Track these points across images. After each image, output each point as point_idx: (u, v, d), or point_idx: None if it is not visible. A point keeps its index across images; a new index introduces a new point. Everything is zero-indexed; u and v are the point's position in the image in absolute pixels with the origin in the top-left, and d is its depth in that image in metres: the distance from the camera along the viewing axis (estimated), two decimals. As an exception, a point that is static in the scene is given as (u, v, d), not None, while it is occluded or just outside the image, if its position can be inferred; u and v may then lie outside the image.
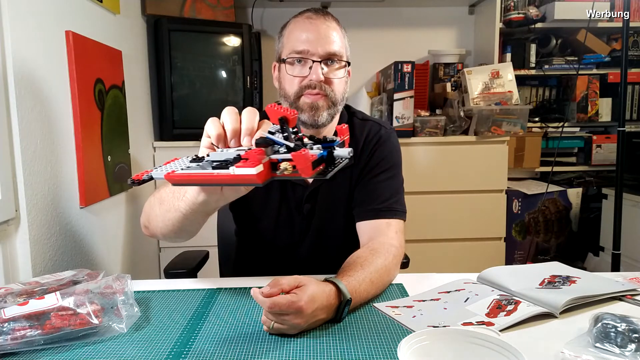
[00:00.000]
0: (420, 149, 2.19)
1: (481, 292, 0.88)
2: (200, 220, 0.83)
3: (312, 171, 0.56)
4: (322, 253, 1.12)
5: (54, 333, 0.71)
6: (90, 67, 1.41)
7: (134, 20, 1.93)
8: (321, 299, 0.74)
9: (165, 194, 0.84)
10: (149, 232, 0.92)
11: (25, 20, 1.12)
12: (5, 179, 1.04)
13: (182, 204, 0.77)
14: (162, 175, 0.62)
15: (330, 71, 1.03)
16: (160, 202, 0.84)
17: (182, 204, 0.77)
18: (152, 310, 0.85)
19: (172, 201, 0.80)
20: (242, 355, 0.68)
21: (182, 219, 0.80)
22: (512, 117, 2.18)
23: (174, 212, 0.80)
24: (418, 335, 0.60)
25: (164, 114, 2.08)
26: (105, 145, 1.51)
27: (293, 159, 0.56)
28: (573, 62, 2.48)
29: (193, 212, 0.77)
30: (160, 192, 0.87)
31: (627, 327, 0.65)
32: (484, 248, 2.26)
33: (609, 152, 2.52)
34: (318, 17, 1.03)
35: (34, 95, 1.14)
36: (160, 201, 0.85)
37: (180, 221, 0.81)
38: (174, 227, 0.83)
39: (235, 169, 0.57)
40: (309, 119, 1.02)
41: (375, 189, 1.08)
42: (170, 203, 0.80)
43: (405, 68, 2.12)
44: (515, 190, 2.40)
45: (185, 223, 0.81)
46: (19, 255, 1.10)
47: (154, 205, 0.87)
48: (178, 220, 0.80)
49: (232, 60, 2.17)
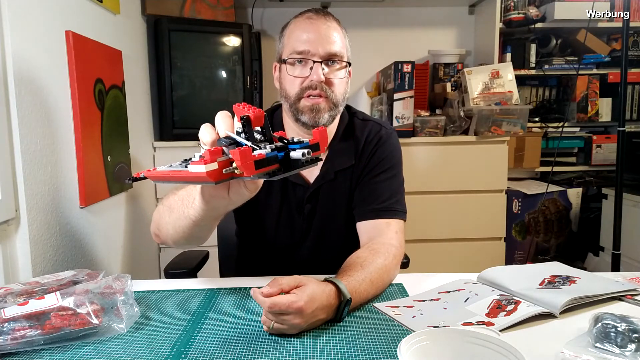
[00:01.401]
0: (420, 149, 2.19)
1: (481, 292, 0.88)
2: (210, 225, 0.83)
3: (254, 170, 0.55)
4: (322, 253, 1.12)
5: (54, 333, 0.71)
6: (90, 67, 1.41)
7: (134, 20, 1.93)
8: (321, 299, 0.74)
9: (174, 202, 0.84)
10: (160, 240, 0.93)
11: (25, 20, 1.12)
12: (5, 179, 1.04)
13: (191, 211, 0.77)
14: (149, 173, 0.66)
15: (331, 72, 1.03)
16: (170, 210, 0.85)
17: (191, 211, 0.77)
18: (152, 310, 0.85)
19: (181, 209, 0.80)
20: (242, 355, 0.68)
21: (192, 226, 0.80)
22: (512, 117, 2.18)
23: (184, 219, 0.80)
24: (418, 335, 0.60)
25: (164, 114, 2.08)
26: (105, 145, 1.51)
27: (232, 155, 0.55)
28: (573, 62, 2.48)
29: (202, 218, 0.77)
30: (169, 200, 0.87)
31: (627, 327, 0.65)
32: (484, 248, 2.26)
33: (609, 152, 2.52)
34: (319, 18, 1.03)
35: (34, 95, 1.14)
36: (169, 209, 0.85)
37: (191, 228, 0.81)
38: (185, 234, 0.84)
39: (190, 166, 0.58)
40: (309, 120, 1.02)
41: (376, 189, 1.08)
42: (179, 211, 0.81)
43: (405, 68, 2.12)
44: (515, 190, 2.40)
45: (195, 230, 0.82)
46: (19, 255, 1.10)
47: (163, 213, 0.88)
48: (189, 227, 0.81)
49: (232, 60, 2.17)
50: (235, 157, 0.54)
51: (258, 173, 0.55)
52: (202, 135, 0.64)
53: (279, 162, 0.58)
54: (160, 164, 0.66)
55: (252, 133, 0.59)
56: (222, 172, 0.57)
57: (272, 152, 0.57)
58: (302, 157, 0.58)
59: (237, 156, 0.54)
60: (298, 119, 1.04)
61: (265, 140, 0.60)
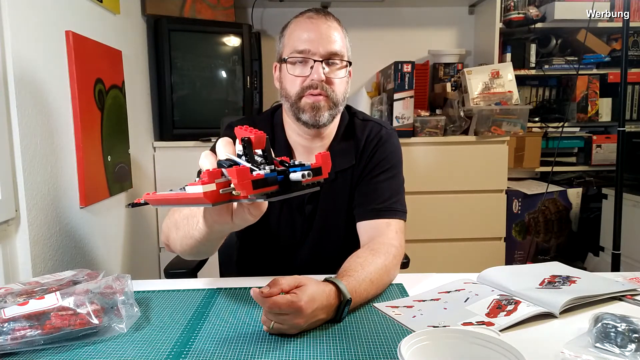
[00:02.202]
0: (420, 149, 2.19)
1: (481, 292, 0.88)
2: (216, 243, 0.84)
3: (252, 190, 0.53)
4: (322, 253, 1.12)
5: (54, 333, 0.71)
6: (90, 67, 1.41)
7: (134, 20, 1.93)
8: (321, 299, 0.74)
9: (180, 220, 0.84)
10: (169, 250, 0.94)
11: (25, 20, 1.12)
12: (5, 179, 1.04)
13: (196, 233, 0.77)
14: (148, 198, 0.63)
15: (332, 71, 1.03)
16: (177, 228, 0.86)
17: (196, 233, 0.77)
18: (152, 310, 0.85)
19: (186, 229, 0.81)
20: (242, 355, 0.68)
21: (198, 245, 0.81)
22: (512, 117, 2.18)
23: (189, 239, 0.81)
24: (418, 335, 0.60)
25: (164, 114, 2.08)
26: (105, 145, 1.51)
27: (228, 173, 0.54)
28: (573, 62, 2.48)
29: (207, 240, 0.78)
30: (175, 218, 0.87)
31: (627, 327, 0.65)
32: (484, 248, 2.26)
33: (609, 152, 2.52)
34: (319, 17, 1.03)
35: (34, 95, 1.14)
36: (176, 227, 0.86)
37: (197, 246, 0.82)
38: (192, 251, 0.85)
39: (188, 187, 0.56)
40: (310, 119, 1.02)
41: (376, 189, 1.08)
42: (185, 230, 0.81)
43: (405, 68, 2.12)
44: (515, 190, 2.40)
45: (202, 247, 0.83)
46: (19, 255, 1.10)
47: (171, 229, 0.89)
48: (195, 246, 0.82)
49: (232, 60, 2.17)
50: (232, 175, 0.53)
51: (256, 193, 0.54)
52: (202, 163, 0.63)
53: (278, 183, 0.57)
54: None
55: (252, 155, 0.59)
56: (219, 193, 0.55)
57: (272, 173, 0.56)
58: (301, 178, 0.57)
59: (234, 174, 0.53)
60: (299, 118, 1.04)
61: (266, 162, 0.59)
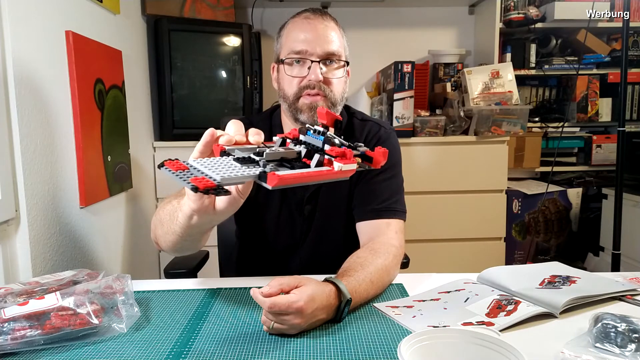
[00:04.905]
0: (420, 149, 2.19)
1: (481, 292, 0.88)
2: (197, 239, 0.85)
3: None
4: (322, 253, 1.12)
5: (54, 333, 0.71)
6: (90, 67, 1.41)
7: (134, 20, 1.93)
8: (321, 299, 0.74)
9: (164, 215, 0.85)
10: (158, 247, 0.95)
11: (25, 20, 1.12)
12: (5, 179, 1.04)
13: (176, 227, 0.78)
14: (266, 182, 0.55)
15: (329, 71, 1.03)
16: (161, 224, 0.86)
17: (177, 228, 0.78)
18: (152, 310, 0.85)
19: (169, 224, 0.81)
20: (242, 355, 0.68)
21: (180, 240, 0.81)
22: (512, 117, 2.18)
23: (171, 234, 0.81)
24: (418, 335, 0.60)
25: (164, 114, 2.08)
26: (105, 145, 1.51)
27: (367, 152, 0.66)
28: (573, 62, 2.48)
29: (188, 234, 0.78)
30: (160, 214, 0.88)
31: (627, 327, 0.65)
32: (484, 248, 2.26)
33: (609, 152, 2.52)
34: (316, 17, 1.03)
35: (34, 95, 1.14)
36: (160, 223, 0.86)
37: (179, 242, 0.82)
38: (175, 247, 0.85)
39: (342, 165, 0.59)
40: (308, 119, 1.02)
41: (375, 189, 1.08)
42: (167, 226, 0.82)
43: (405, 68, 2.12)
44: (515, 190, 2.40)
45: (184, 244, 0.83)
46: (19, 255, 1.10)
47: (157, 225, 0.89)
48: (177, 241, 0.82)
49: (232, 60, 2.17)
50: (376, 155, 0.67)
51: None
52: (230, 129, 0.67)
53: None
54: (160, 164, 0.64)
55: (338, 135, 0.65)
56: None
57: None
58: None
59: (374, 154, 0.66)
60: (297, 119, 1.04)
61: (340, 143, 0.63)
